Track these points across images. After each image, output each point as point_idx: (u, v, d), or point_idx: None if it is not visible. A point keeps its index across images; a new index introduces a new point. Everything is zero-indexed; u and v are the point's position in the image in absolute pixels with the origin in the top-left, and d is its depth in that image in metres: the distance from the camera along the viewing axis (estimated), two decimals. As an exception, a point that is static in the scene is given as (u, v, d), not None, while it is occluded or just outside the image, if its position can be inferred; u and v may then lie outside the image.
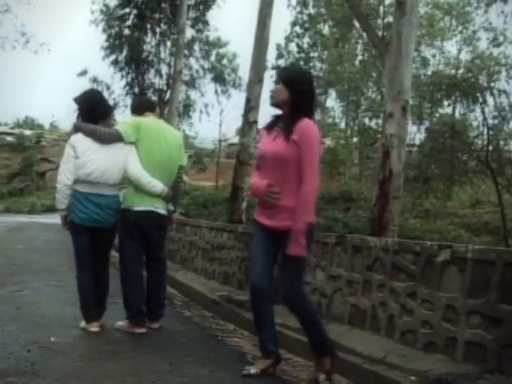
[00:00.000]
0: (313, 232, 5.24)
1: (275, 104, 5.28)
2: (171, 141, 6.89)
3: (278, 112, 5.33)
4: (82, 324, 6.63)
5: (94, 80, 32.19)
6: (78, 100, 6.80)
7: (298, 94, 5.11)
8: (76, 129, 6.61)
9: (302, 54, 46.26)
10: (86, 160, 6.39)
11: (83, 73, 33.43)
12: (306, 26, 42.28)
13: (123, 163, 6.58)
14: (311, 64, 47.85)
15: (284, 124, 5.14)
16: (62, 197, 6.51)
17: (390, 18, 25.37)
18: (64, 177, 6.42)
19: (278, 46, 47.96)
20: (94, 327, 6.56)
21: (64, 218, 6.65)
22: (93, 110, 6.65)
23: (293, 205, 4.98)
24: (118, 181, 6.64)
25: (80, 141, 6.46)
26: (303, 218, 4.94)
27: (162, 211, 6.89)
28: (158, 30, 30.16)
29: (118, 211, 6.74)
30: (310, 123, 5.07)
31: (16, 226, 24.85)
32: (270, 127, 5.32)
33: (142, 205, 6.62)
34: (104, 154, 6.50)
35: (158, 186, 6.70)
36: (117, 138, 6.57)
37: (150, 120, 6.93)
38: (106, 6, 31.25)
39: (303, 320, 5.25)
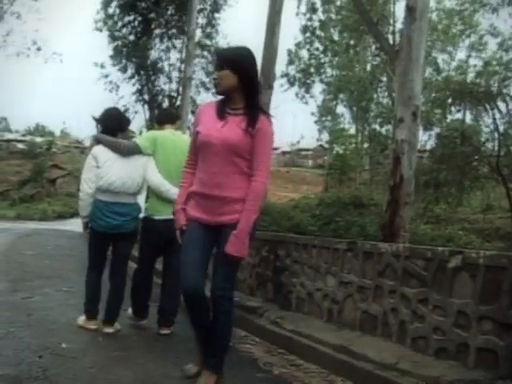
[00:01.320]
0: (255, 226, 4.89)
1: (221, 91, 4.89)
2: (186, 150, 7.02)
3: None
4: (80, 321, 6.95)
5: (106, 76, 31.77)
6: (98, 118, 7.16)
7: (248, 78, 4.80)
8: (97, 140, 6.90)
9: (313, 61, 46.19)
10: (107, 170, 6.64)
11: (101, 65, 33.07)
12: (317, 32, 42.28)
13: (142, 173, 6.83)
14: (322, 70, 47.86)
15: (246, 114, 4.78)
16: (84, 204, 6.78)
17: (401, 24, 25.39)
18: (86, 186, 6.69)
19: (289, 52, 47.93)
20: (93, 325, 6.85)
21: (86, 223, 6.90)
22: (111, 125, 6.96)
23: (239, 196, 4.71)
24: (137, 190, 6.87)
25: (101, 152, 6.73)
26: (251, 216, 4.69)
27: None
28: (165, 34, 30.00)
29: (141, 219, 7.05)
30: (268, 116, 4.88)
31: (27, 233, 24.88)
32: (218, 112, 4.88)
33: (164, 213, 6.72)
34: (123, 165, 6.75)
35: (178, 193, 6.84)
36: (135, 150, 6.82)
37: (165, 132, 7.14)
38: (111, 16, 31.00)
39: (220, 324, 4.88)
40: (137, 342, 6.55)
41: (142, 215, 7.07)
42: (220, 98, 5.00)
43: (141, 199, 7.07)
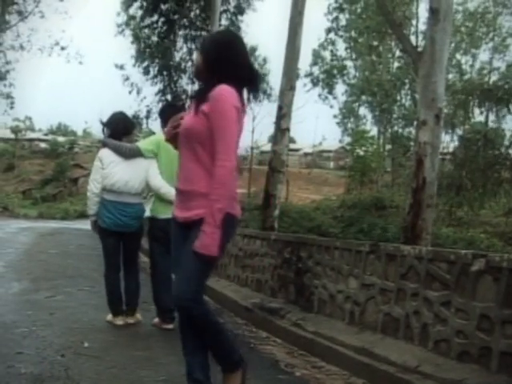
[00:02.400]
0: (232, 226, 4.28)
1: (193, 73, 4.46)
2: None
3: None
4: (109, 317, 7.32)
5: (127, 78, 31.83)
6: (104, 122, 7.57)
7: (210, 59, 4.26)
8: (103, 144, 7.44)
9: (336, 62, 46.25)
10: (110, 172, 7.17)
11: (121, 66, 33.21)
12: (341, 33, 42.38)
13: (143, 175, 7.24)
14: (344, 71, 47.93)
15: (196, 93, 4.35)
16: (91, 203, 7.31)
17: (423, 25, 25.31)
18: (93, 186, 7.23)
19: (314, 52, 48.05)
20: (120, 321, 7.23)
21: (94, 222, 7.42)
22: (116, 129, 7.43)
23: (202, 189, 4.11)
24: (139, 190, 7.33)
25: (106, 154, 7.26)
26: (215, 206, 3.98)
27: None
28: (188, 35, 30.02)
29: (147, 218, 7.47)
30: (223, 88, 4.12)
31: (49, 232, 25.03)
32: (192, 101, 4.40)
33: (166, 213, 6.82)
34: (126, 167, 7.24)
35: None
36: (137, 153, 7.25)
37: None
38: (132, 17, 31.14)
39: (200, 330, 4.32)
40: (159, 342, 6.58)
41: (147, 215, 7.47)
42: None
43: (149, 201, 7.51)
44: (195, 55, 5.47)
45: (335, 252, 7.39)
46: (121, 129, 7.43)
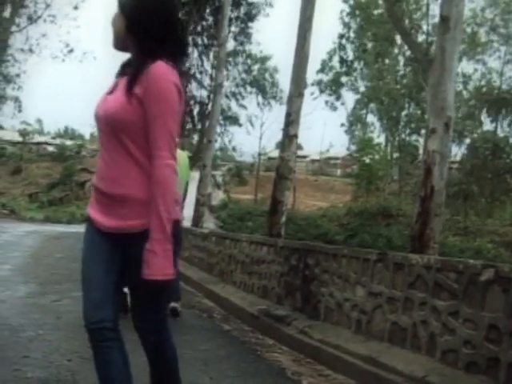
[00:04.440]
0: (179, 232, 3.61)
1: (114, 42, 3.47)
2: (181, 162, 7.47)
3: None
4: None
5: None
6: None
7: (137, 22, 3.33)
8: None
9: (344, 68, 46.32)
10: None
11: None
12: (352, 39, 42.60)
13: None
14: (352, 78, 48.01)
15: (130, 70, 3.35)
16: None
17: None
18: None
19: (322, 62, 48.20)
20: None
21: None
22: None
23: (140, 194, 3.24)
24: None
25: None
26: (165, 217, 3.17)
27: None
28: (200, 42, 30.14)
29: None
30: (163, 67, 3.22)
31: (56, 235, 24.99)
32: (116, 77, 3.49)
33: None
34: None
35: None
36: None
37: None
38: None
39: (160, 364, 3.83)
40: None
41: None
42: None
43: None
44: (114, 16, 4.47)
45: (342, 260, 7.37)
46: None
